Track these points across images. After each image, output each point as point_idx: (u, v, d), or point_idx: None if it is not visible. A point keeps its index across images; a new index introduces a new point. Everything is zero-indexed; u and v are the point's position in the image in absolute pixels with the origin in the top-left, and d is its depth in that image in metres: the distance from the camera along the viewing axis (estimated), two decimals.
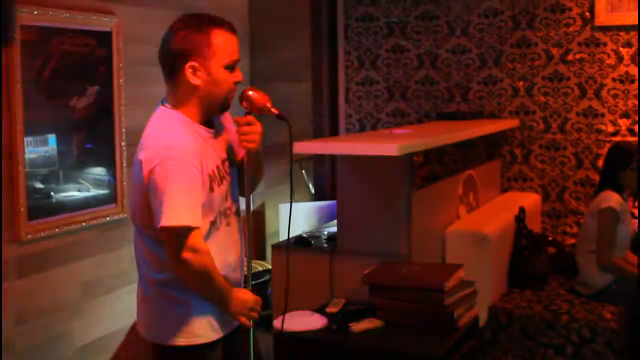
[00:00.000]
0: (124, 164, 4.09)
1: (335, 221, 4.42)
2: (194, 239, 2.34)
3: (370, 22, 5.62)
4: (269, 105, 2.53)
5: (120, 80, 4.09)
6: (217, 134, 2.53)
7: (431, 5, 5.45)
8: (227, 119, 2.64)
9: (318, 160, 5.54)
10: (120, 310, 4.08)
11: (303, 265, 3.67)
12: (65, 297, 3.80)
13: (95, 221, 3.95)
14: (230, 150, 2.59)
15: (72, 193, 3.84)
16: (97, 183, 3.95)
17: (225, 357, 2.61)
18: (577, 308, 4.11)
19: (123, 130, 4.10)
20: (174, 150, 2.34)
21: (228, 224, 2.55)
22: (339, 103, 5.72)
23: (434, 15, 5.46)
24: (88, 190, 3.90)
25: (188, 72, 2.42)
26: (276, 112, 2.55)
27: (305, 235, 4.07)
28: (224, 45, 2.44)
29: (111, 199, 4.08)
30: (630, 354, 3.96)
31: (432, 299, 3.26)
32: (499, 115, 5.34)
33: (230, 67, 2.47)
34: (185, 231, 2.32)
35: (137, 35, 4.17)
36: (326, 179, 5.68)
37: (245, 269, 2.67)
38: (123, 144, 4.11)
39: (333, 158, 5.59)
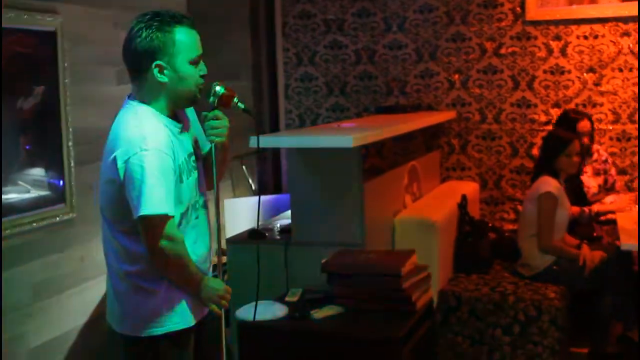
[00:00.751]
0: (72, 164, 4.07)
1: (284, 214, 4.52)
2: (170, 228, 2.40)
3: (307, 19, 5.71)
4: (236, 99, 2.59)
5: (66, 80, 4.06)
6: (183, 128, 2.58)
7: (368, 2, 5.58)
8: (191, 113, 2.69)
9: (259, 156, 5.61)
10: (72, 310, 4.06)
11: (258, 256, 3.72)
12: (16, 299, 3.76)
13: (45, 222, 3.92)
14: (196, 144, 2.65)
15: (19, 195, 3.80)
16: (40, 184, 3.91)
17: (196, 345, 2.65)
18: (522, 289, 4.29)
19: (70, 130, 4.07)
20: (148, 141, 2.39)
21: (197, 217, 2.61)
22: (279, 99, 5.79)
23: (371, 12, 5.58)
24: (32, 192, 3.85)
25: (155, 71, 2.47)
26: (242, 106, 2.62)
27: (258, 228, 4.13)
28: (187, 41, 2.49)
29: (60, 199, 4.05)
30: (574, 327, 4.15)
31: (389, 283, 3.36)
32: (436, 108, 5.51)
33: (195, 62, 2.52)
34: (163, 220, 2.37)
35: (82, 35, 4.15)
36: (268, 174, 5.75)
37: (214, 259, 2.73)
38: (70, 143, 4.08)
39: (276, 153, 5.68)
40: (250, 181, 5.46)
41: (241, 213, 4.84)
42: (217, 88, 2.57)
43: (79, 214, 4.09)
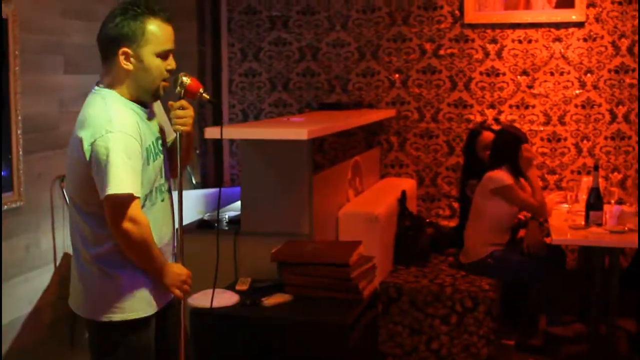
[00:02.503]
0: (21, 152, 4.08)
1: (231, 205, 4.61)
2: (134, 210, 2.47)
3: (253, 15, 5.80)
4: (201, 90, 2.68)
5: (16, 68, 4.07)
6: (150, 115, 2.66)
7: (312, 0, 5.70)
8: (157, 106, 2.76)
9: (202, 151, 5.67)
10: (17, 298, 4.07)
11: (207, 246, 3.79)
12: None
13: None
14: (162, 131, 2.72)
15: None
16: None
17: (158, 331, 2.72)
18: (460, 281, 4.47)
19: (19, 118, 4.08)
20: (114, 124, 2.45)
21: (162, 200, 2.69)
22: (223, 93, 5.87)
23: (315, 10, 5.71)
24: None
25: (121, 58, 2.54)
26: (207, 97, 2.71)
27: (207, 219, 4.21)
28: (157, 33, 2.56)
29: (8, 187, 4.05)
30: (506, 319, 4.34)
31: (338, 273, 3.49)
32: (377, 106, 5.67)
33: (163, 56, 2.59)
34: (127, 200, 2.44)
35: (33, 23, 4.16)
36: (210, 168, 5.82)
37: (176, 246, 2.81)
38: (19, 132, 4.09)
39: (218, 148, 5.76)
40: (192, 175, 5.53)
41: (185, 205, 4.89)
42: (184, 79, 2.65)
43: (27, 202, 4.10)
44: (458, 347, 4.32)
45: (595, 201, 4.45)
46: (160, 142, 2.68)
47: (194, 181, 5.59)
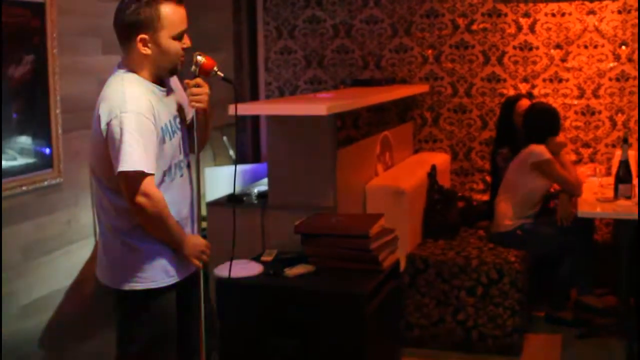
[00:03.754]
0: (60, 131, 4.24)
1: (261, 181, 4.73)
2: (147, 185, 2.59)
3: None
4: (215, 68, 2.80)
5: (54, 50, 4.22)
6: (168, 93, 2.79)
7: None
8: (176, 82, 2.89)
9: (239, 127, 5.80)
10: (59, 270, 4.24)
11: (237, 220, 3.93)
12: (7, 259, 3.94)
13: (34, 186, 4.10)
14: (180, 110, 2.85)
15: (8, 162, 3.97)
16: (28, 152, 4.06)
17: (181, 300, 2.85)
18: (486, 253, 4.53)
19: (58, 98, 4.24)
20: (129, 104, 2.59)
21: (182, 175, 2.82)
22: (259, 71, 5.98)
23: None
24: (19, 159, 4.02)
25: (139, 44, 2.67)
26: (221, 75, 2.83)
27: (236, 194, 4.35)
28: (171, 17, 2.68)
29: (48, 164, 4.23)
30: (535, 291, 4.38)
31: (358, 244, 3.59)
32: (410, 82, 5.72)
33: (178, 37, 2.72)
34: (140, 176, 2.57)
35: (69, 6, 4.31)
36: (247, 144, 5.95)
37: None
38: (58, 111, 4.25)
39: (255, 125, 5.88)
40: (230, 151, 5.66)
41: (221, 181, 5.04)
42: (199, 58, 2.77)
43: (66, 179, 4.27)
44: (484, 318, 4.38)
45: (624, 174, 4.46)
46: (178, 120, 2.80)
47: (232, 156, 5.72)
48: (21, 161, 3.97)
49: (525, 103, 5.07)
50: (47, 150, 4.16)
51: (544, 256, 4.78)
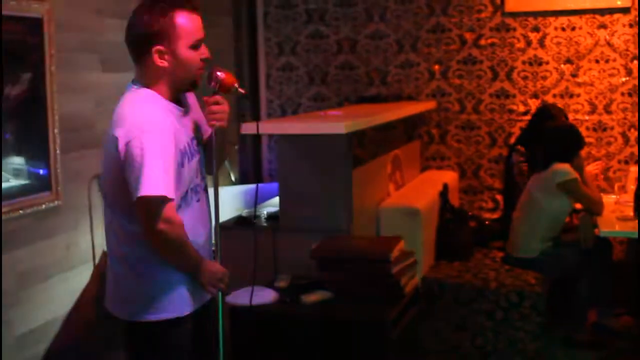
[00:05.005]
0: (58, 151, 4.07)
1: (269, 201, 4.55)
2: (169, 211, 2.41)
3: (289, 9, 5.74)
4: (236, 85, 2.62)
5: (52, 67, 4.06)
6: (186, 113, 2.61)
7: None
8: (192, 98, 2.72)
9: (240, 147, 5.64)
10: (56, 297, 4.07)
11: (246, 243, 3.75)
12: (2, 286, 3.76)
13: (31, 209, 3.92)
14: (197, 129, 2.67)
15: (7, 182, 3.79)
16: (22, 173, 3.89)
17: (196, 332, 2.67)
18: (504, 275, 4.37)
19: (56, 117, 4.07)
20: (150, 124, 2.40)
21: (199, 200, 2.64)
22: (260, 89, 5.83)
23: (352, 2, 5.64)
24: (12, 181, 3.83)
25: (155, 56, 2.48)
26: (243, 92, 2.65)
27: (245, 215, 4.17)
28: (188, 26, 2.50)
29: (46, 186, 4.04)
30: (554, 314, 4.24)
31: (378, 269, 3.42)
32: (417, 98, 5.57)
33: (196, 47, 2.54)
34: (162, 202, 2.39)
35: (68, 22, 4.14)
36: (248, 164, 5.78)
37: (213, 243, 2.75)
38: (56, 131, 4.08)
39: (257, 144, 5.72)
40: (230, 172, 5.50)
41: (224, 202, 4.87)
42: (218, 73, 2.59)
43: (65, 201, 4.09)
44: (504, 343, 4.21)
45: None
46: (195, 141, 2.63)
47: (232, 177, 5.56)
48: (15, 183, 3.78)
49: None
50: (43, 172, 3.98)
51: (563, 278, 4.62)
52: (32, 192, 3.92)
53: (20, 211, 3.82)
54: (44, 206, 3.98)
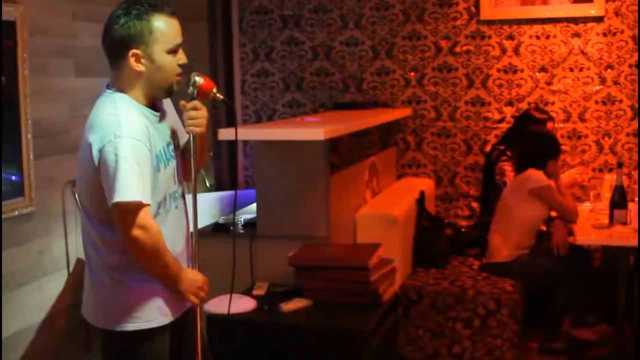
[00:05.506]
0: (31, 157, 4.00)
1: (246, 208, 4.52)
2: (144, 217, 2.37)
3: (264, 14, 5.71)
4: (215, 90, 2.59)
5: (25, 72, 3.99)
6: (161, 118, 2.57)
7: None
8: (168, 103, 2.68)
9: (215, 153, 5.59)
10: (30, 305, 3.99)
11: (223, 251, 3.71)
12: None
13: (4, 215, 3.85)
14: (174, 134, 2.63)
15: None
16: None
17: (174, 340, 2.63)
18: (482, 283, 4.36)
19: (29, 122, 4.00)
20: (124, 129, 2.36)
21: (177, 207, 2.60)
22: (235, 94, 5.78)
23: (327, 8, 5.62)
24: None
25: (131, 60, 2.44)
26: (221, 97, 2.62)
27: (222, 222, 4.13)
28: (165, 30, 2.47)
29: (19, 192, 3.97)
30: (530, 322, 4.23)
31: (357, 276, 3.40)
32: (392, 105, 5.57)
33: (173, 51, 2.51)
34: (137, 208, 2.35)
35: (42, 26, 4.08)
36: (224, 170, 5.74)
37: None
38: (29, 136, 4.01)
39: (232, 150, 5.67)
40: (205, 178, 5.45)
41: (199, 209, 4.82)
42: (197, 78, 2.56)
43: (38, 207, 4.02)
44: (481, 351, 4.21)
45: (619, 199, 4.34)
46: (171, 146, 2.59)
47: (207, 184, 5.51)
48: None
49: (550, 126, 4.92)
50: (15, 178, 3.91)
51: (538, 286, 4.62)
52: (4, 198, 3.85)
53: None
54: (16, 212, 3.91)
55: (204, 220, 4.39)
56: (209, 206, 4.98)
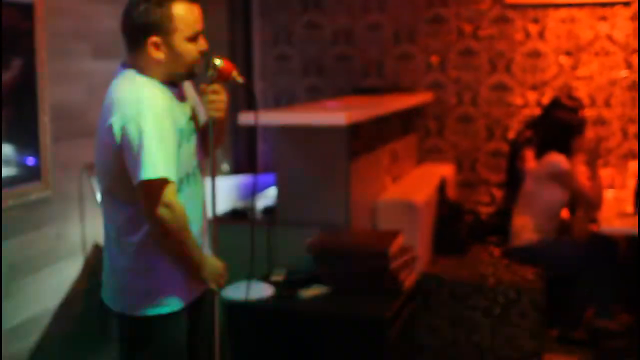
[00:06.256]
0: (48, 140, 3.97)
1: (262, 193, 4.47)
2: (169, 194, 2.32)
3: None
4: (235, 74, 2.54)
5: (44, 54, 3.95)
6: (181, 96, 2.52)
7: None
8: (188, 85, 2.63)
9: (235, 137, 5.54)
10: (47, 289, 3.98)
11: (241, 236, 3.67)
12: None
13: (20, 199, 3.82)
14: (193, 113, 2.59)
15: None
16: (12, 162, 3.79)
17: (189, 323, 2.60)
18: (502, 271, 4.30)
19: (47, 105, 3.97)
20: (145, 105, 2.32)
21: (196, 184, 2.56)
22: (254, 79, 5.73)
23: None
24: (10, 168, 3.74)
25: (151, 47, 2.40)
26: (241, 80, 2.57)
27: (239, 208, 4.08)
28: (185, 17, 2.42)
29: (36, 176, 3.95)
30: (551, 311, 4.17)
31: (377, 263, 3.34)
32: (414, 90, 5.49)
33: (193, 39, 2.46)
34: (162, 184, 2.30)
35: (60, 8, 4.04)
36: (243, 154, 5.69)
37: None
38: (47, 119, 3.98)
39: (251, 134, 5.62)
40: (224, 163, 5.40)
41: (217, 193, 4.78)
42: (217, 61, 2.51)
43: (55, 191, 4.00)
44: (500, 340, 4.15)
45: None
46: (192, 123, 2.55)
47: (224, 168, 5.46)
48: (4, 173, 3.68)
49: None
50: (33, 161, 3.88)
51: (561, 273, 4.55)
52: (21, 182, 3.83)
53: (9, 201, 3.72)
54: (33, 196, 3.88)
55: (221, 206, 4.35)
56: (224, 191, 4.93)
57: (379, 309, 3.20)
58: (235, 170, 5.55)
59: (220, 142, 2.73)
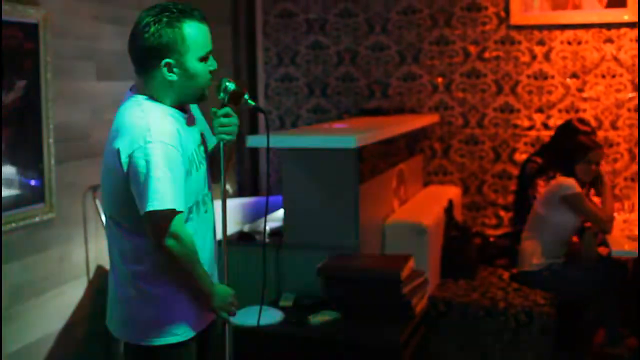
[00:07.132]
0: (53, 162, 3.92)
1: (269, 216, 4.41)
2: (177, 225, 2.27)
3: (289, 18, 5.61)
4: (246, 96, 2.49)
5: (48, 75, 3.91)
6: (190, 120, 2.47)
7: (350, 3, 5.50)
8: (195, 108, 2.58)
9: (238, 158, 5.49)
10: (50, 313, 3.92)
11: (248, 259, 3.63)
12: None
13: (24, 222, 3.77)
14: (203, 138, 2.54)
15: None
16: (13, 183, 3.73)
17: (198, 352, 2.54)
18: (512, 295, 4.24)
19: (51, 126, 3.92)
20: (154, 133, 2.26)
21: (206, 211, 2.50)
22: (258, 99, 5.69)
23: (353, 12, 5.51)
24: (12, 190, 3.69)
25: (163, 70, 2.34)
26: (253, 103, 2.52)
27: (247, 231, 4.03)
28: (197, 37, 2.37)
29: (39, 198, 3.89)
30: (561, 335, 4.11)
31: (389, 289, 3.28)
32: (419, 111, 5.45)
33: (205, 59, 2.41)
34: (170, 216, 2.25)
35: (64, 28, 4.00)
36: (246, 176, 5.64)
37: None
38: (51, 140, 3.93)
39: (254, 156, 5.57)
40: (227, 184, 5.35)
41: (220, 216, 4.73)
42: (228, 84, 2.46)
43: (59, 213, 3.94)
44: None
45: None
46: (202, 148, 2.49)
47: (230, 191, 5.41)
48: (7, 194, 3.62)
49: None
50: (36, 183, 3.83)
51: (570, 298, 4.49)
52: (25, 204, 3.77)
53: (13, 224, 3.66)
54: (37, 218, 3.82)
55: (228, 229, 4.29)
56: (231, 213, 4.87)
57: (391, 334, 3.14)
58: (239, 192, 5.50)
59: (229, 166, 2.68)
